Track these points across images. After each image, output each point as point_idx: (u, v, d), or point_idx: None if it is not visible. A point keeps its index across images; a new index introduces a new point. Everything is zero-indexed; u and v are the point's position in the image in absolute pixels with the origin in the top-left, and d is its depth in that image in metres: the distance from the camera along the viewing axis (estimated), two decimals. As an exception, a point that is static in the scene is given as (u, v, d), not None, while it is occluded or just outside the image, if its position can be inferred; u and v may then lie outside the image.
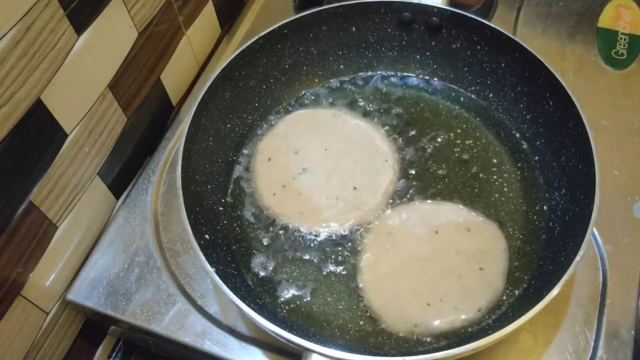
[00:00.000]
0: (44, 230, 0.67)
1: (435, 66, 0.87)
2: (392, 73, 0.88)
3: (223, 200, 0.76)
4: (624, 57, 0.90)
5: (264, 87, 0.83)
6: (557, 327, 0.66)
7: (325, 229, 0.73)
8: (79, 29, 0.64)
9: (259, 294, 0.69)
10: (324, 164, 0.78)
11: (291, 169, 0.78)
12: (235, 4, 1.00)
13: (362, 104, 0.85)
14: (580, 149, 0.69)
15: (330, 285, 0.69)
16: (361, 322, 0.66)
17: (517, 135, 0.80)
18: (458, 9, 0.81)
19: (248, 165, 0.79)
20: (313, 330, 0.66)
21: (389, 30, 0.85)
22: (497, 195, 0.75)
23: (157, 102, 0.84)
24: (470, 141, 0.80)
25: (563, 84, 0.71)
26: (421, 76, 0.88)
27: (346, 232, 0.73)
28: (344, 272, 0.70)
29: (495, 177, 0.77)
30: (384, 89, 0.87)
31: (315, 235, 0.73)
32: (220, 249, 0.70)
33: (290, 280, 0.70)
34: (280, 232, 0.73)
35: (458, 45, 0.83)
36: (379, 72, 0.88)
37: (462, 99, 0.85)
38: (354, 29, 0.85)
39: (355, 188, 0.76)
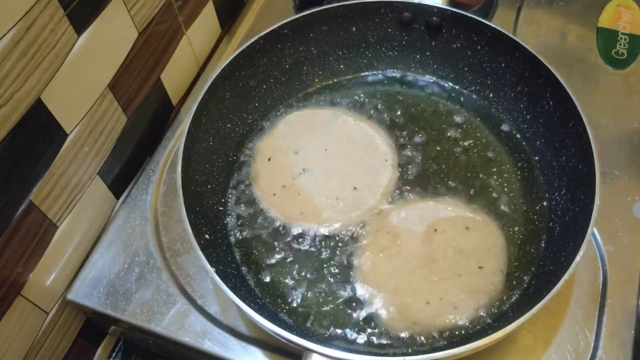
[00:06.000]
0: (44, 230, 0.67)
1: (435, 66, 0.87)
2: (392, 73, 0.88)
3: (223, 200, 0.76)
4: (624, 57, 0.90)
5: (264, 87, 0.83)
6: (557, 327, 0.67)
7: (325, 228, 0.73)
8: (79, 29, 0.64)
9: (259, 293, 0.69)
10: (324, 164, 0.78)
11: (291, 169, 0.78)
12: (235, 4, 1.00)
13: (362, 104, 0.85)
14: (580, 149, 0.69)
15: (330, 284, 0.69)
16: (361, 322, 0.66)
17: (517, 135, 0.80)
18: (458, 9, 0.81)
19: (248, 165, 0.79)
20: (313, 330, 0.66)
21: (389, 30, 0.85)
22: (497, 195, 0.75)
23: (157, 102, 0.84)
24: (470, 141, 0.80)
25: (563, 84, 0.71)
26: (421, 76, 0.88)
27: (346, 232, 0.73)
28: (344, 272, 0.70)
29: (495, 177, 0.77)
30: (384, 89, 0.87)
31: (315, 235, 0.73)
32: (220, 249, 0.70)
33: (290, 280, 0.70)
34: (280, 232, 0.73)
35: (458, 45, 0.83)
36: (379, 72, 0.88)
37: (462, 98, 0.85)
38: (354, 29, 0.85)
39: (355, 188, 0.76)
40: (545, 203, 0.74)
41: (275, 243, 0.72)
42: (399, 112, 0.84)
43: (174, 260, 0.73)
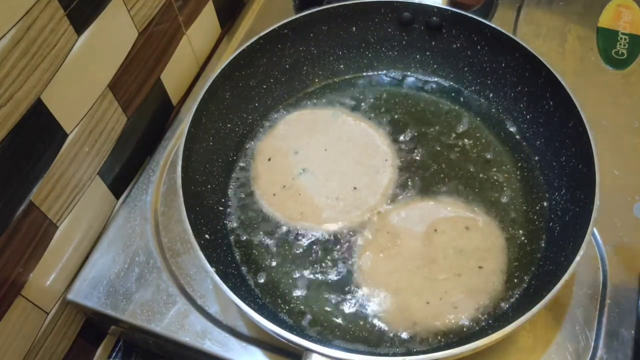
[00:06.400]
0: (44, 230, 0.67)
1: (435, 66, 0.87)
2: (392, 73, 0.88)
3: (223, 200, 0.76)
4: (624, 57, 0.90)
5: (264, 87, 0.83)
6: (557, 327, 0.67)
7: (325, 228, 0.73)
8: (79, 29, 0.64)
9: (259, 293, 0.69)
10: (324, 164, 0.78)
11: (291, 169, 0.78)
12: (235, 4, 1.00)
13: (362, 104, 0.85)
14: (580, 149, 0.69)
15: (330, 284, 0.69)
16: (361, 322, 0.66)
17: (517, 135, 0.80)
18: (458, 9, 0.81)
19: (248, 165, 0.79)
20: (313, 330, 0.66)
21: (389, 30, 0.85)
22: (497, 195, 0.75)
23: (157, 102, 0.84)
24: (471, 141, 0.80)
25: (563, 83, 0.71)
26: (421, 76, 0.88)
27: (346, 232, 0.73)
28: (344, 272, 0.70)
29: (495, 177, 0.77)
30: (384, 89, 0.87)
31: (315, 235, 0.73)
32: (220, 249, 0.70)
33: (290, 280, 0.70)
34: (280, 232, 0.73)
35: (458, 45, 0.83)
36: (379, 72, 0.88)
37: (462, 99, 0.85)
38: (354, 29, 0.85)
39: (355, 188, 0.76)
40: (545, 203, 0.74)
41: (275, 243, 0.72)
42: (399, 112, 0.84)
43: (174, 260, 0.73)
